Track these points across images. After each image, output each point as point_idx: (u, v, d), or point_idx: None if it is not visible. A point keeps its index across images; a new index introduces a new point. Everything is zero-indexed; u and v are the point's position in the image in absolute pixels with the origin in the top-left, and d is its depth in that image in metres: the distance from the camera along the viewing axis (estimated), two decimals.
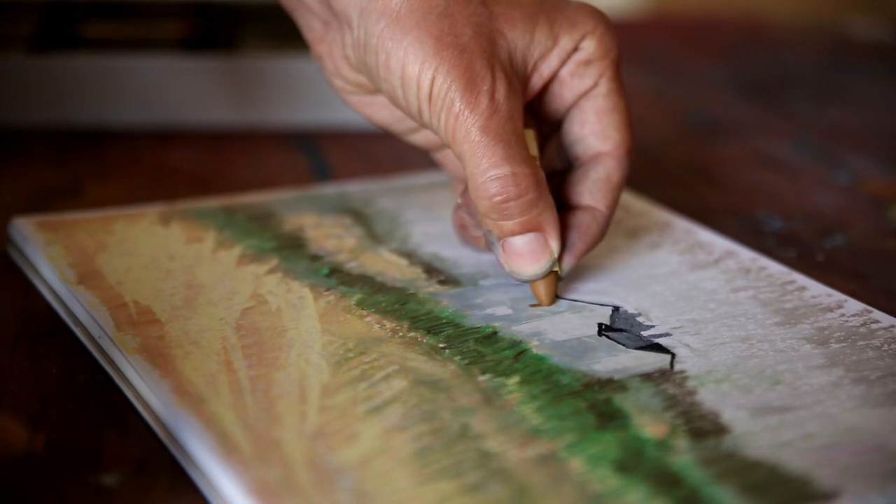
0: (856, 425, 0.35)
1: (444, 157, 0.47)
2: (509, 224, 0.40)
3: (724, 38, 0.93)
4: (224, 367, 0.37)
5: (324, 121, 0.64)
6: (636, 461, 0.33)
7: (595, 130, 0.43)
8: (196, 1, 0.73)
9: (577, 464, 0.33)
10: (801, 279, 0.44)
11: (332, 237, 0.47)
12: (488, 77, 0.40)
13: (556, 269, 0.41)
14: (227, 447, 0.32)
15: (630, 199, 0.52)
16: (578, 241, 0.42)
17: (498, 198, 0.39)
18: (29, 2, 0.70)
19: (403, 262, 0.45)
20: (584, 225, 0.42)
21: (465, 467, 0.32)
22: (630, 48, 0.88)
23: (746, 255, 0.46)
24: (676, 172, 0.61)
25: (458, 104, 0.39)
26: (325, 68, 0.45)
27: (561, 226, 0.41)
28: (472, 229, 0.45)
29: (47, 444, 0.34)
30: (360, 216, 0.49)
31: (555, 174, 0.44)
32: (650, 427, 0.34)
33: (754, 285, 0.44)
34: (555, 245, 0.41)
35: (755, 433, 0.34)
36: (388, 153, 0.61)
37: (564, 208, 0.43)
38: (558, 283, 0.42)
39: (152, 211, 0.48)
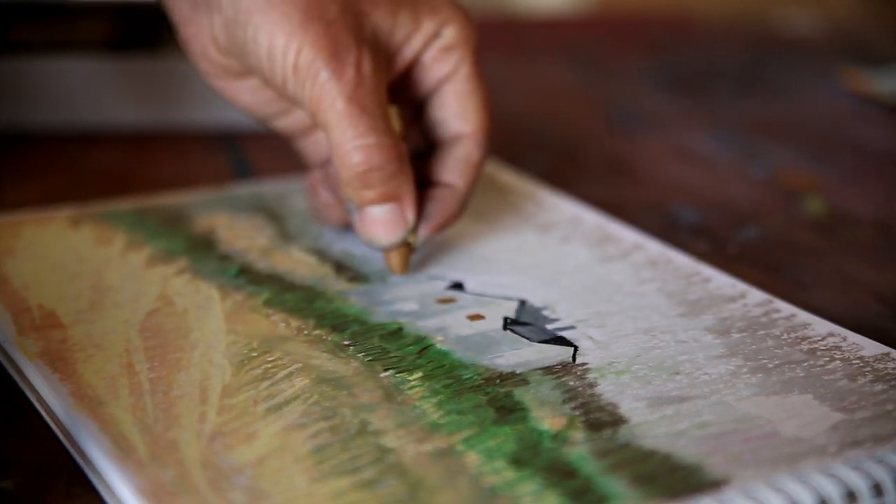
0: (750, 413, 0.35)
1: (306, 144, 0.47)
2: (370, 193, 0.42)
3: (654, 35, 0.93)
4: (125, 370, 0.37)
5: (247, 121, 0.64)
6: (532, 454, 0.33)
7: (455, 112, 0.45)
8: (119, 2, 0.73)
9: (473, 457, 0.33)
10: (706, 271, 0.45)
11: (243, 237, 0.47)
12: (354, 50, 0.41)
13: (410, 240, 0.43)
14: (122, 449, 0.32)
15: (543, 194, 0.52)
16: (436, 214, 0.44)
17: (362, 167, 0.41)
18: None
19: (313, 259, 0.45)
20: (442, 200, 0.44)
21: (362, 463, 0.32)
22: (560, 45, 0.88)
23: (654, 247, 0.47)
24: (596, 167, 0.62)
25: (324, 73, 0.41)
26: (191, 51, 0.45)
27: (420, 200, 0.43)
28: (327, 207, 0.46)
29: None
30: (273, 215, 0.49)
31: (417, 155, 0.45)
32: (548, 420, 0.35)
33: (661, 277, 0.44)
34: (410, 216, 0.42)
35: (651, 423, 0.35)
36: None
37: (426, 186, 0.44)
38: (411, 255, 0.44)
39: (63, 214, 0.48)
